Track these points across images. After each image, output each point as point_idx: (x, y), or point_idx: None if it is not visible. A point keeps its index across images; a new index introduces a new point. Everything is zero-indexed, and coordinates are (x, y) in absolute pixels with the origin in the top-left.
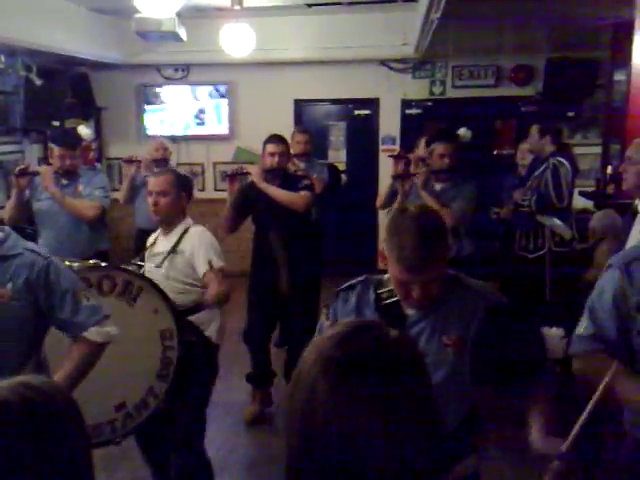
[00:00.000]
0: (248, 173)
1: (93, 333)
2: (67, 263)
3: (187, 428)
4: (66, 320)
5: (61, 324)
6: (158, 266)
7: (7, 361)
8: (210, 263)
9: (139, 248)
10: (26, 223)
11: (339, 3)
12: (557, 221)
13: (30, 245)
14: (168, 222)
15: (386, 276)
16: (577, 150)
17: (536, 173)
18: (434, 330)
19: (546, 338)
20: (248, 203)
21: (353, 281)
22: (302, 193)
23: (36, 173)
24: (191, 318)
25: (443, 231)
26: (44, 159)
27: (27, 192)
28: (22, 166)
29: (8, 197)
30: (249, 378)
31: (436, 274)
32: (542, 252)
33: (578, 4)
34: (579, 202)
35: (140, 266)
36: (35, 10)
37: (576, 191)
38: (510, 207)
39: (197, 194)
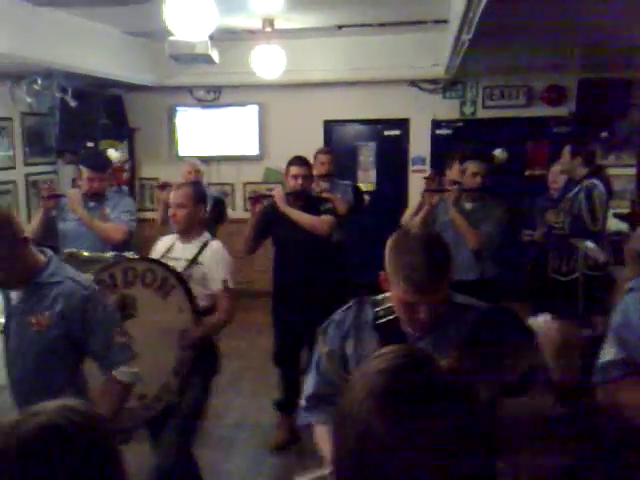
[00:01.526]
0: (271, 196)
1: (122, 373)
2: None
3: (183, 427)
4: (98, 355)
5: (93, 357)
6: (183, 271)
7: (44, 388)
8: (226, 283)
9: None
10: (56, 242)
11: (369, 25)
12: (590, 244)
13: (72, 273)
14: (186, 232)
15: (380, 296)
16: (611, 171)
17: (569, 195)
18: (434, 349)
19: (535, 327)
20: (269, 224)
21: (346, 306)
22: (324, 217)
23: (63, 195)
24: None
25: (449, 255)
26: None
27: (54, 212)
28: (50, 190)
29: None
30: (277, 404)
31: (444, 295)
32: (575, 275)
33: (611, 28)
34: (613, 224)
35: None
36: (70, 33)
37: (610, 213)
38: (543, 230)
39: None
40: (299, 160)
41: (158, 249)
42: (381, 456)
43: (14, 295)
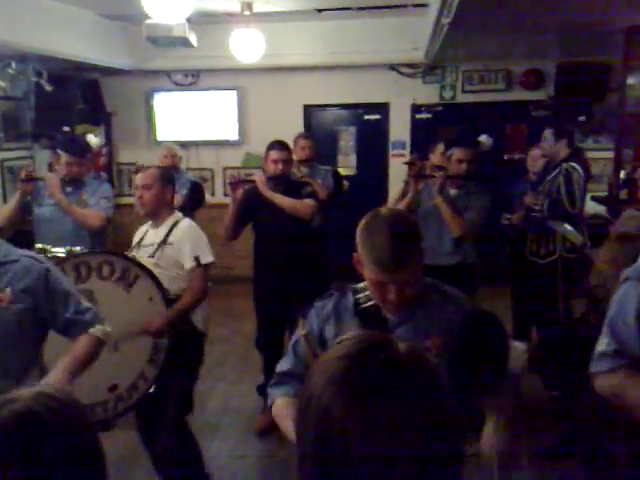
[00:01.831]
0: (251, 181)
1: (98, 330)
2: (67, 249)
3: (174, 411)
4: (73, 319)
5: (66, 324)
6: (151, 256)
7: (11, 366)
8: (198, 259)
9: None
10: (22, 228)
11: (349, 8)
12: (568, 227)
13: (26, 252)
14: (155, 215)
15: (362, 284)
16: (589, 154)
17: (548, 178)
18: (415, 334)
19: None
20: (250, 210)
21: (328, 292)
22: (307, 201)
23: (41, 179)
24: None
25: (416, 234)
26: (53, 165)
27: (28, 197)
28: (28, 170)
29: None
30: (260, 389)
31: (411, 276)
32: (553, 257)
33: (589, 10)
34: (590, 207)
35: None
36: (45, 16)
37: (588, 196)
38: (521, 213)
39: (208, 199)
40: (279, 144)
41: (135, 239)
42: (342, 441)
43: None
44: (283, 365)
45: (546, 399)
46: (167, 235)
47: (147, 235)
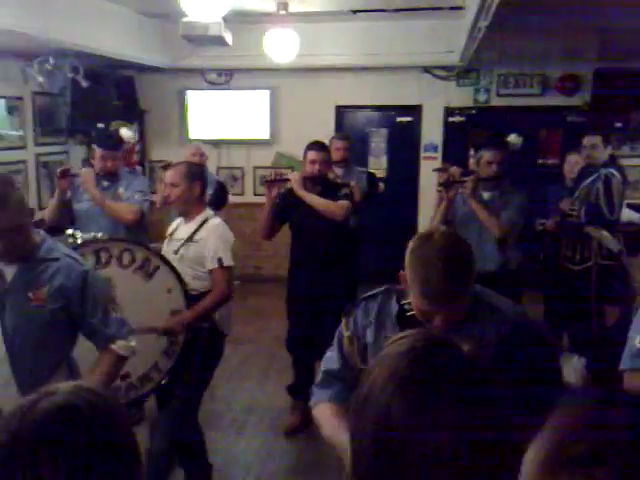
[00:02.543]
0: (287, 180)
1: (120, 346)
2: (93, 235)
3: (184, 405)
4: (96, 329)
5: (91, 332)
6: (175, 252)
7: (42, 363)
8: (220, 260)
9: None
10: (68, 224)
11: (384, 10)
12: (605, 233)
13: (68, 251)
14: (184, 212)
15: None
16: (624, 162)
17: (585, 183)
18: None
19: (565, 366)
20: (286, 210)
21: (375, 291)
22: (341, 202)
23: (77, 175)
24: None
25: (470, 260)
26: (88, 160)
27: (69, 193)
28: (64, 167)
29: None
30: (290, 389)
31: (460, 306)
32: (588, 264)
33: (629, 15)
34: (625, 214)
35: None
36: (83, 12)
37: (624, 203)
38: (556, 218)
39: (237, 198)
40: (317, 145)
41: (168, 231)
42: (401, 441)
43: (8, 273)
44: (330, 363)
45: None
46: (195, 232)
47: (179, 229)
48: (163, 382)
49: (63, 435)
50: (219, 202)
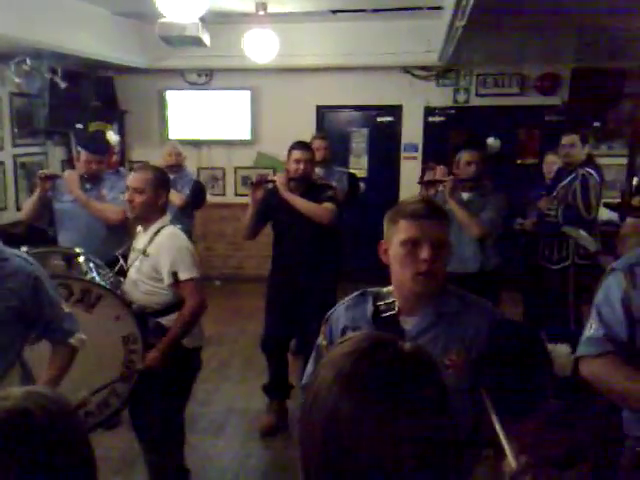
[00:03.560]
0: (272, 181)
1: (76, 339)
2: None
3: (157, 431)
4: (54, 326)
5: (47, 329)
6: (130, 265)
7: None
8: (175, 275)
9: None
10: (46, 224)
11: (363, 10)
12: (583, 233)
13: (18, 252)
14: (144, 219)
15: (384, 289)
16: (602, 161)
17: (563, 183)
18: (434, 348)
19: (553, 356)
20: (270, 210)
21: (350, 296)
22: (326, 205)
23: (59, 177)
24: (162, 320)
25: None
26: (67, 161)
27: (49, 192)
28: (48, 173)
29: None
30: (265, 389)
31: (444, 235)
32: (566, 264)
33: (607, 16)
34: (603, 214)
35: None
36: (60, 13)
37: (601, 202)
38: (533, 219)
39: (218, 199)
40: (301, 145)
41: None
42: (349, 437)
43: None
44: (308, 375)
45: (554, 406)
46: (148, 244)
47: (138, 239)
48: (123, 406)
49: (14, 438)
50: (197, 202)
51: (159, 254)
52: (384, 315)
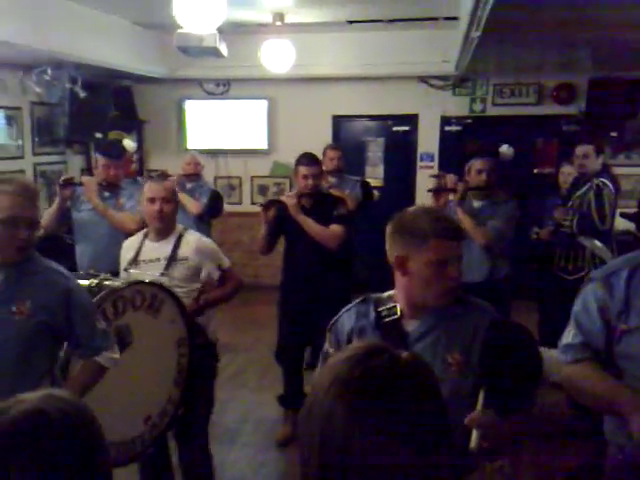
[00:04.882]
0: (282, 202)
1: (104, 358)
2: (100, 278)
3: (200, 426)
4: (83, 341)
5: (77, 343)
6: (163, 274)
7: (28, 375)
8: (220, 267)
9: None
10: (65, 233)
11: (380, 20)
12: (598, 243)
13: (53, 264)
14: (167, 229)
15: (385, 294)
16: (619, 171)
17: (578, 193)
18: (436, 348)
19: (546, 358)
20: (282, 223)
21: (352, 303)
22: (334, 228)
23: (80, 184)
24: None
25: None
26: (87, 170)
27: (68, 202)
28: (67, 176)
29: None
30: (281, 399)
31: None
32: (582, 274)
33: (622, 26)
34: (620, 224)
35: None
36: (81, 24)
37: (617, 212)
38: (550, 228)
39: (235, 207)
40: (308, 159)
41: (125, 256)
42: (344, 440)
43: None
44: None
45: (569, 417)
46: (175, 250)
47: (144, 249)
48: (179, 412)
49: (31, 440)
50: (214, 211)
51: (201, 254)
52: (387, 320)
